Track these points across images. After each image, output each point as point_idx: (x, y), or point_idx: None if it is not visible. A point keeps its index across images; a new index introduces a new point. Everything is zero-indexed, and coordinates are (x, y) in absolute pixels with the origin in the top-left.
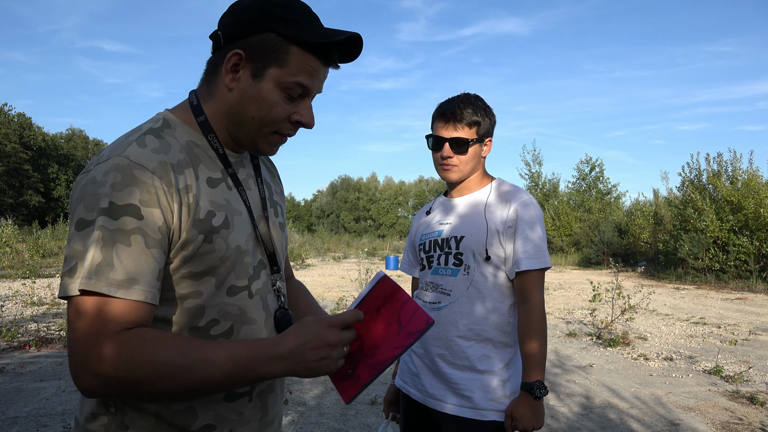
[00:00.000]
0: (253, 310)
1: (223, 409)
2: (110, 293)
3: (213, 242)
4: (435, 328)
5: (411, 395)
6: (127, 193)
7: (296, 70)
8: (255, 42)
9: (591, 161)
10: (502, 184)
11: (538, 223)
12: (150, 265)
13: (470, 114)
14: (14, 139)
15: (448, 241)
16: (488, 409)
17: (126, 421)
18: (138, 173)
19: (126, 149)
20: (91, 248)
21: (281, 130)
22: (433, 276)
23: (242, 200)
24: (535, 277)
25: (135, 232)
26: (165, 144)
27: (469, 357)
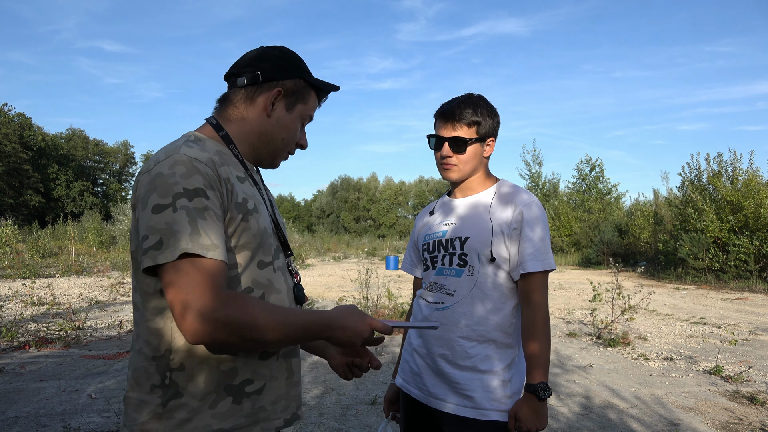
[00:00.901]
0: (278, 282)
1: (259, 366)
2: (205, 254)
3: (248, 221)
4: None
5: (412, 395)
6: (194, 180)
7: (311, 107)
8: (291, 84)
9: (591, 161)
10: (507, 186)
11: (543, 225)
12: (221, 234)
13: (470, 114)
14: (14, 139)
15: (453, 242)
16: (490, 408)
17: (180, 390)
18: (197, 164)
19: (179, 150)
20: (179, 223)
21: (291, 150)
22: (437, 276)
23: (261, 195)
24: (539, 279)
25: (207, 209)
26: (205, 147)
27: (472, 357)
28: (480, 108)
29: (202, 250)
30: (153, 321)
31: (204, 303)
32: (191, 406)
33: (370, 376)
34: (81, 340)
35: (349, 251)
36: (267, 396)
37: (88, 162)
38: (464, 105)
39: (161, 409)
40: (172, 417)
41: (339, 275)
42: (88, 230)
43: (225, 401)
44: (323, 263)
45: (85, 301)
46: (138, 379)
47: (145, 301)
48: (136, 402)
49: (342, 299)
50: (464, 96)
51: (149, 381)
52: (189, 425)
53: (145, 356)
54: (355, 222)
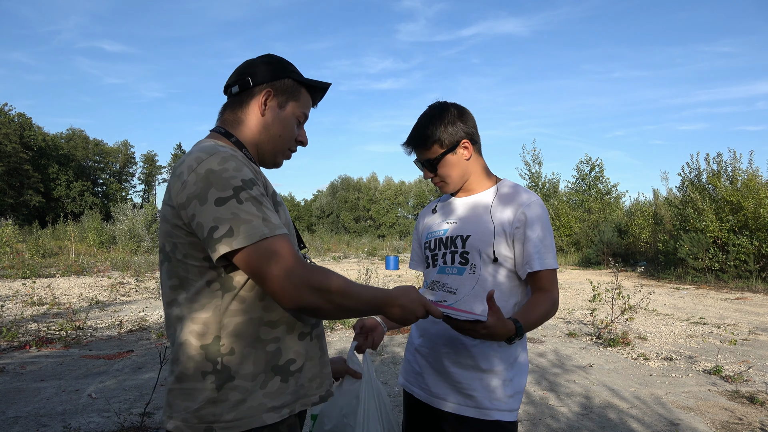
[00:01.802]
0: None
1: (298, 346)
2: (280, 233)
3: (278, 212)
4: (440, 326)
5: (415, 394)
6: (245, 172)
7: (304, 104)
8: (279, 84)
9: (591, 161)
10: (508, 185)
11: (546, 224)
12: (275, 216)
13: (423, 135)
14: (14, 139)
15: (454, 240)
16: (491, 408)
17: (233, 373)
18: (236, 162)
19: (217, 149)
20: (248, 211)
21: (292, 147)
22: (440, 275)
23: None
24: (549, 275)
25: (263, 195)
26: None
27: (474, 356)
28: (434, 124)
29: (277, 230)
30: (199, 312)
31: (297, 272)
32: (244, 387)
33: None
34: (81, 340)
35: (349, 251)
36: (306, 374)
37: (88, 162)
38: (419, 128)
39: (216, 393)
40: (227, 399)
41: None
42: (88, 230)
43: (274, 380)
44: (323, 263)
45: (86, 301)
46: (186, 369)
47: (191, 294)
48: (186, 391)
49: None
50: (422, 116)
51: (200, 369)
52: (244, 405)
53: (193, 346)
54: (355, 222)
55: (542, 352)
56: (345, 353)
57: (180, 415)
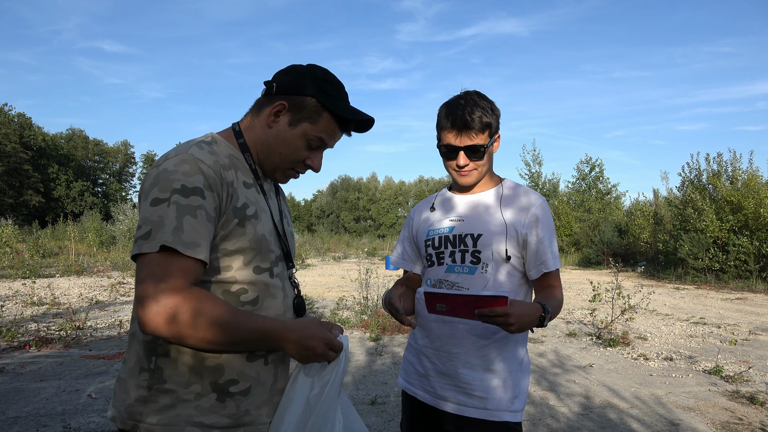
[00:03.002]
0: (274, 288)
1: (245, 367)
2: (182, 251)
3: (245, 227)
4: (449, 326)
5: (418, 397)
6: (195, 179)
7: (321, 130)
8: (299, 100)
9: (591, 161)
10: (512, 185)
11: (553, 226)
12: (208, 234)
13: (479, 118)
14: (14, 139)
15: (463, 238)
16: (498, 409)
17: (165, 376)
18: (201, 166)
19: (189, 150)
20: (168, 217)
21: (296, 168)
22: (448, 274)
23: (267, 204)
24: (556, 275)
25: (200, 208)
26: (215, 150)
27: (482, 356)
28: (486, 108)
29: (181, 246)
30: None
31: (160, 297)
32: (175, 394)
33: (370, 377)
34: (81, 340)
35: (349, 251)
36: (253, 400)
37: (88, 162)
38: (472, 110)
39: (146, 392)
40: (156, 401)
41: (339, 275)
42: (88, 230)
43: (209, 396)
44: (323, 263)
45: (85, 301)
46: (129, 360)
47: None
48: (124, 383)
49: (342, 299)
50: (466, 99)
51: (139, 363)
52: (171, 412)
53: (138, 339)
54: (355, 222)
55: (542, 352)
56: None
57: (117, 406)
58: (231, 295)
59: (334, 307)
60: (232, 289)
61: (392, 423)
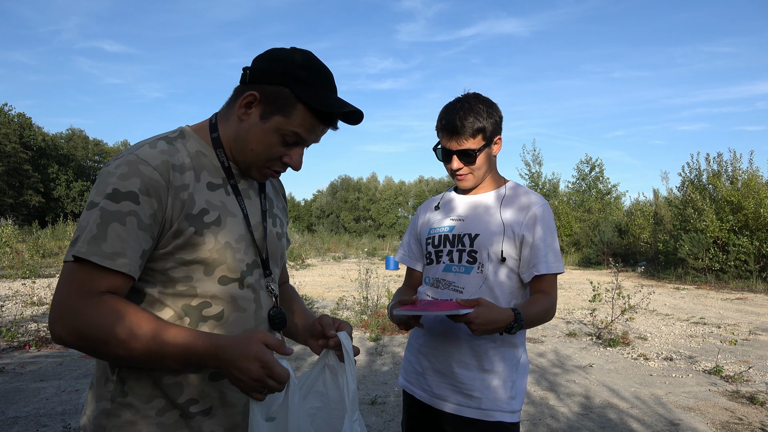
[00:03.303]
0: (243, 300)
1: (206, 386)
2: (99, 262)
3: (203, 235)
4: (445, 325)
5: (416, 396)
6: (130, 183)
7: (296, 124)
8: (270, 90)
9: (591, 161)
10: (515, 186)
11: (553, 227)
12: (138, 244)
13: (472, 123)
14: (14, 139)
15: (461, 238)
16: (494, 409)
17: (126, 389)
18: (142, 167)
19: (138, 149)
20: (91, 224)
21: (272, 166)
22: (445, 273)
23: (239, 206)
24: (551, 280)
25: (130, 214)
26: (173, 149)
27: (477, 356)
28: (480, 112)
29: (98, 257)
30: None
31: (68, 309)
32: (137, 408)
33: (370, 377)
34: None
35: (349, 251)
36: (219, 421)
37: (88, 162)
38: (465, 114)
39: (110, 405)
40: (118, 416)
41: (339, 275)
42: None
43: (172, 413)
44: (323, 263)
45: None
46: (98, 368)
47: None
48: (93, 393)
49: (342, 299)
50: (462, 102)
51: (105, 373)
52: (134, 428)
53: None
54: (355, 222)
55: (542, 352)
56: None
57: (87, 415)
58: (192, 310)
59: (334, 307)
60: (192, 303)
61: (392, 423)
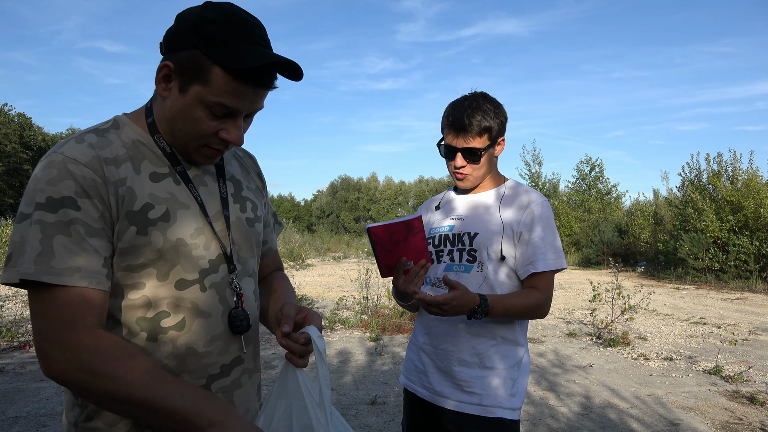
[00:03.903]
0: (206, 304)
1: None
2: (53, 282)
3: (148, 234)
4: (446, 324)
5: (417, 393)
6: (62, 187)
7: (218, 91)
8: (183, 57)
9: (591, 161)
10: (515, 185)
11: (551, 225)
12: (91, 252)
13: (479, 122)
14: (14, 139)
15: (461, 237)
16: (494, 406)
17: (90, 411)
18: (72, 167)
19: (63, 146)
20: (30, 240)
21: (210, 144)
22: (446, 272)
23: (192, 196)
24: (547, 278)
25: (74, 222)
26: (104, 141)
27: (478, 354)
28: (488, 112)
29: (51, 276)
30: None
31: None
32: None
33: (370, 377)
34: None
35: (349, 251)
36: None
37: None
38: (472, 113)
39: (74, 429)
40: None
41: (339, 275)
42: None
43: None
44: (323, 263)
45: None
46: (66, 393)
47: None
48: (65, 416)
49: (342, 299)
50: (470, 101)
51: (71, 397)
52: None
53: None
54: (355, 222)
55: (542, 352)
56: (346, 353)
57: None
58: (149, 323)
59: (334, 307)
60: (148, 314)
61: (392, 423)
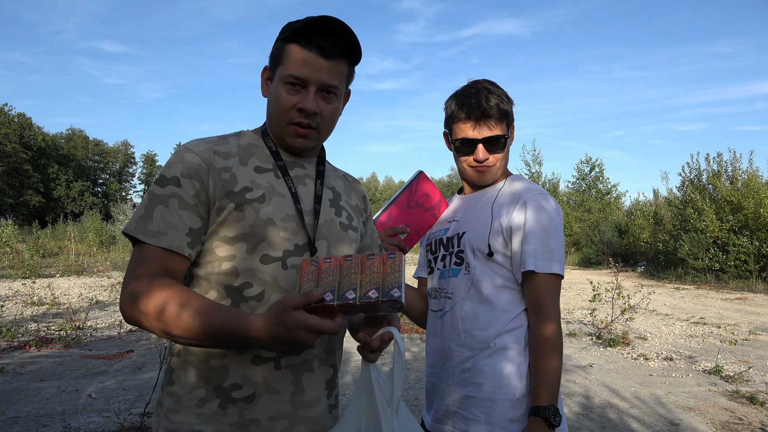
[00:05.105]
0: (285, 281)
1: (250, 371)
2: (145, 239)
3: (243, 211)
4: (438, 338)
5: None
6: (174, 169)
7: (290, 65)
8: (271, 53)
9: (591, 161)
10: (517, 179)
11: (551, 222)
12: (182, 222)
13: (497, 105)
14: (14, 139)
15: (452, 240)
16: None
17: (173, 377)
18: (186, 155)
19: (189, 142)
20: (140, 205)
21: (293, 119)
22: (440, 280)
23: (287, 187)
24: (546, 282)
25: (173, 196)
26: (223, 141)
27: (469, 369)
28: (502, 96)
29: (143, 234)
30: None
31: (126, 287)
32: (179, 396)
33: None
34: (81, 340)
35: None
36: (262, 408)
37: (88, 162)
38: (488, 97)
39: (161, 392)
40: (164, 405)
41: None
42: (88, 230)
43: (212, 403)
44: None
45: (85, 301)
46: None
47: None
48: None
49: None
50: (479, 87)
51: (165, 363)
52: (175, 417)
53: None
54: None
55: None
56: (346, 353)
57: None
58: (234, 291)
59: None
60: (234, 283)
61: None
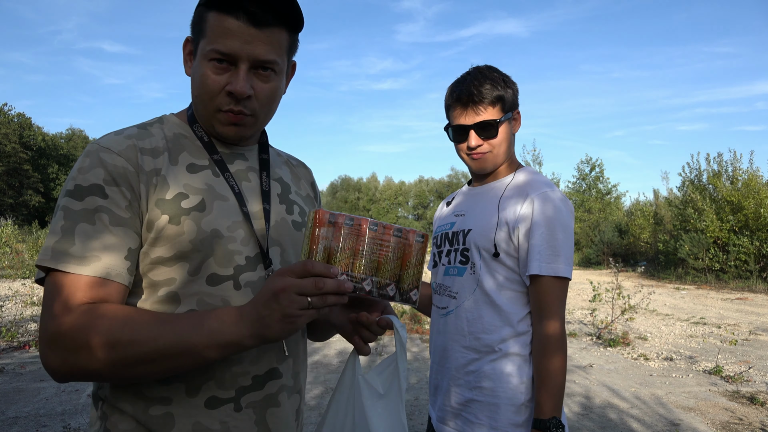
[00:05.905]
0: (239, 302)
1: (203, 416)
2: (66, 269)
3: (180, 224)
4: (441, 336)
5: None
6: (92, 175)
7: (213, 37)
8: (192, 20)
9: (591, 161)
10: (526, 172)
11: (557, 216)
12: (116, 242)
13: (489, 90)
14: (14, 139)
15: (457, 235)
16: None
17: (108, 425)
18: (104, 155)
19: (102, 138)
20: (55, 228)
21: (221, 106)
22: (444, 277)
23: (229, 186)
24: (551, 286)
25: (99, 210)
26: (145, 133)
27: (474, 372)
28: (497, 80)
29: (65, 263)
30: None
31: (46, 330)
32: None
33: None
34: None
35: None
36: None
37: None
38: (479, 81)
39: None
40: None
41: None
42: None
43: None
44: None
45: None
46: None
47: None
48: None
49: None
50: (473, 71)
51: (92, 415)
52: None
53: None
54: None
55: None
56: (346, 353)
57: None
58: None
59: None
60: (176, 312)
61: None
